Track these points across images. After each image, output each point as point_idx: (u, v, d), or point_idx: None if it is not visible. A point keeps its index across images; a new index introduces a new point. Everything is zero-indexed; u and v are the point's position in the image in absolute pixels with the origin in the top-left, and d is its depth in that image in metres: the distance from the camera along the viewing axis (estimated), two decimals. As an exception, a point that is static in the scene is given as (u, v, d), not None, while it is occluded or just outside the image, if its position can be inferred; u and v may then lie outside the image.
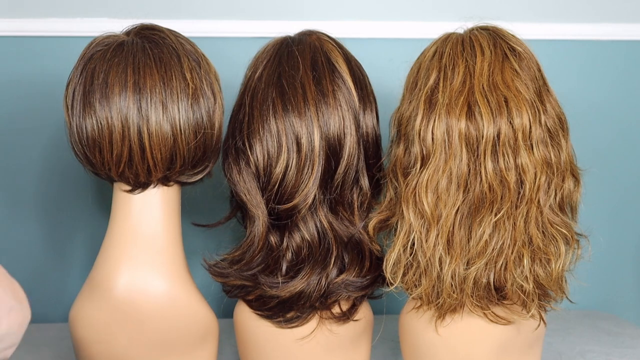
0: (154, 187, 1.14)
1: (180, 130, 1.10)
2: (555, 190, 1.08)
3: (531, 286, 1.08)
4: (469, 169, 1.06)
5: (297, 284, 1.15)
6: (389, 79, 1.22)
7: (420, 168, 1.08)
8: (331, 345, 1.20)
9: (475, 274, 1.08)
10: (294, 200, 1.13)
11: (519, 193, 1.06)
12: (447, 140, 1.06)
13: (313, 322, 1.18)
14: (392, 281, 1.12)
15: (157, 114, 1.08)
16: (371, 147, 1.17)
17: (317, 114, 1.12)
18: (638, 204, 1.63)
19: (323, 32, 1.20)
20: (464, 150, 1.05)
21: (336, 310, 1.19)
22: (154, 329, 1.14)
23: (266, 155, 1.13)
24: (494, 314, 1.11)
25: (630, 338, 1.43)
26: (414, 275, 1.11)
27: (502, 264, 1.08)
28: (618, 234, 1.62)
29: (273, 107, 1.13)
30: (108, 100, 1.08)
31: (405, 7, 1.52)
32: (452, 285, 1.08)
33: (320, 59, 1.15)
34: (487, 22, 1.14)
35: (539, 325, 1.13)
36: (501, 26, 1.13)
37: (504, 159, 1.05)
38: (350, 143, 1.14)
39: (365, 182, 1.17)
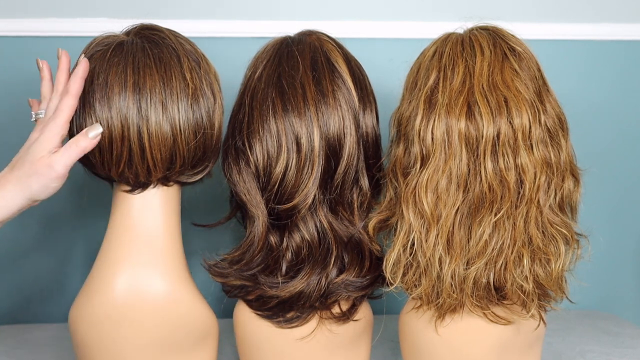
0: (154, 187, 1.14)
1: (180, 130, 1.10)
2: (555, 190, 1.08)
3: (531, 286, 1.08)
4: (469, 169, 1.06)
5: (297, 284, 1.15)
6: (389, 79, 1.22)
7: (420, 168, 1.08)
8: (331, 345, 1.20)
9: (475, 274, 1.08)
10: (293, 200, 1.13)
11: (519, 193, 1.06)
12: (446, 140, 1.06)
13: (313, 322, 1.18)
14: (392, 281, 1.12)
15: (157, 114, 1.08)
16: (371, 147, 1.17)
17: (317, 114, 1.12)
18: (638, 204, 1.63)
19: (323, 32, 1.20)
20: (464, 150, 1.05)
21: (336, 310, 1.19)
22: (153, 329, 1.14)
23: (266, 155, 1.13)
24: (494, 314, 1.11)
25: (630, 338, 1.43)
26: (414, 275, 1.11)
27: (502, 264, 1.08)
28: (618, 234, 1.62)
29: (273, 107, 1.13)
30: (108, 100, 1.08)
31: (405, 7, 1.52)
32: (452, 285, 1.08)
33: (320, 59, 1.15)
34: (487, 22, 1.14)
35: (538, 325, 1.13)
36: (501, 26, 1.13)
37: (503, 159, 1.05)
38: (350, 143, 1.14)
39: (365, 182, 1.17)
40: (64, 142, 1.05)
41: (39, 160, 1.00)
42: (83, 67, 1.06)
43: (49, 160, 0.99)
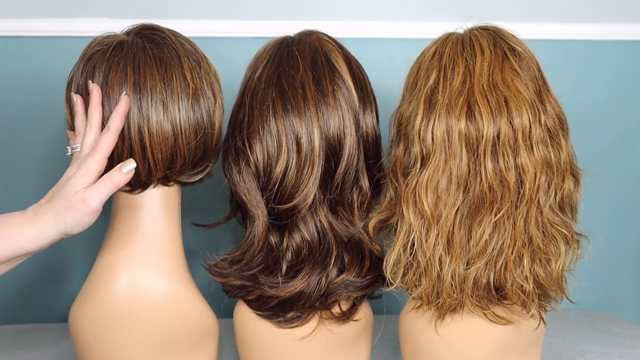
0: (154, 187, 1.14)
1: (181, 129, 1.10)
2: (555, 190, 1.08)
3: (531, 286, 1.08)
4: (469, 169, 1.06)
5: (297, 284, 1.15)
6: (389, 79, 1.22)
7: (420, 168, 1.08)
8: (331, 345, 1.20)
9: (475, 274, 1.08)
10: (294, 200, 1.13)
11: (519, 193, 1.06)
12: (447, 140, 1.06)
13: (313, 322, 1.18)
14: (392, 281, 1.12)
15: (158, 114, 1.08)
16: (371, 147, 1.17)
17: (317, 114, 1.12)
18: (638, 204, 1.63)
19: (323, 32, 1.21)
20: (464, 150, 1.05)
21: (336, 310, 1.19)
22: (154, 329, 1.14)
23: (266, 155, 1.13)
24: (494, 314, 1.11)
25: (630, 338, 1.43)
26: (414, 275, 1.11)
27: (502, 264, 1.08)
28: (618, 234, 1.62)
29: (273, 107, 1.13)
30: (108, 100, 1.08)
31: (405, 7, 1.52)
32: (452, 285, 1.08)
33: (320, 59, 1.15)
34: (487, 22, 1.14)
35: (539, 325, 1.13)
36: (501, 26, 1.13)
37: (503, 159, 1.05)
38: (350, 143, 1.14)
39: (365, 182, 1.17)
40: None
41: (74, 195, 0.99)
42: (124, 104, 1.06)
43: (83, 196, 0.99)
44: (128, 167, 1.02)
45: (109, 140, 1.04)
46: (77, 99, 1.09)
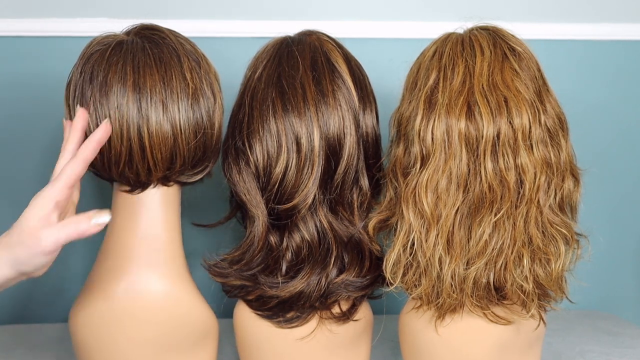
0: (154, 187, 1.14)
1: (181, 130, 1.10)
2: (555, 190, 1.08)
3: (531, 286, 1.08)
4: (469, 169, 1.06)
5: (297, 284, 1.15)
6: (389, 79, 1.22)
7: (420, 168, 1.08)
8: (331, 345, 1.20)
9: (475, 274, 1.08)
10: (293, 200, 1.13)
11: (519, 193, 1.06)
12: (446, 140, 1.06)
13: (313, 322, 1.18)
14: (392, 281, 1.12)
15: (157, 114, 1.08)
16: (371, 147, 1.17)
17: (317, 114, 1.12)
18: (638, 204, 1.63)
19: (323, 32, 1.21)
20: (464, 150, 1.05)
21: (336, 310, 1.19)
22: (153, 329, 1.14)
23: (266, 155, 1.13)
24: (494, 314, 1.11)
25: (630, 338, 1.43)
26: (414, 275, 1.11)
27: (502, 264, 1.08)
28: (618, 234, 1.62)
29: (273, 107, 1.13)
30: (107, 100, 1.08)
31: (405, 7, 1.52)
32: (452, 285, 1.08)
33: (320, 59, 1.15)
34: (487, 22, 1.14)
35: (538, 325, 1.13)
36: (501, 26, 1.13)
37: (503, 159, 1.05)
38: (350, 143, 1.14)
39: (365, 182, 1.17)
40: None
41: (28, 230, 0.87)
42: (102, 131, 0.96)
43: (39, 233, 0.87)
44: (100, 220, 0.90)
45: (74, 168, 0.92)
46: (65, 124, 1.05)
